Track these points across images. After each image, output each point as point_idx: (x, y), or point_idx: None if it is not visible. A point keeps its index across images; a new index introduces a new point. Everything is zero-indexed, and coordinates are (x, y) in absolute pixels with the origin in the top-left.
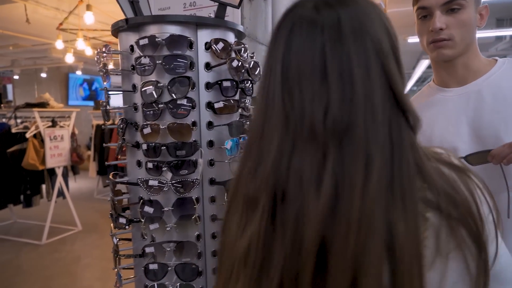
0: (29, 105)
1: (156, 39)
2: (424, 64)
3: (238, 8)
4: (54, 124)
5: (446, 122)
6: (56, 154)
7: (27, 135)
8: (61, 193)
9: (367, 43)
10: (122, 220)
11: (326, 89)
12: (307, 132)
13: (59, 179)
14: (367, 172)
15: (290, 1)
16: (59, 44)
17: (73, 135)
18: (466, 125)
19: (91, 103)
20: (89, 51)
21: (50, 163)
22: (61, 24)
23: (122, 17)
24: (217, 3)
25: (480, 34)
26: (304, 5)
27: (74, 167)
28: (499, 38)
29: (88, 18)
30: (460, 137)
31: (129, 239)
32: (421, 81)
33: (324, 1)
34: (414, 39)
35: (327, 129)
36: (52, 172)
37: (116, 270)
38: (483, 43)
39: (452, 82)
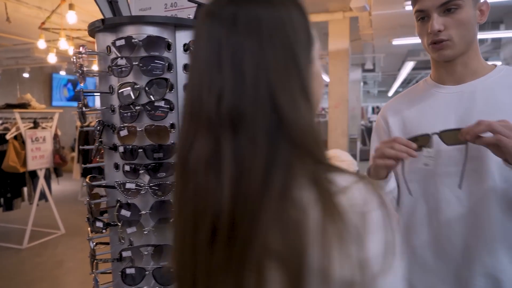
0: (10, 106)
1: (133, 40)
2: (409, 66)
3: None
4: (36, 125)
5: (434, 117)
6: (38, 156)
7: (7, 137)
8: (43, 196)
9: (260, 38)
10: (99, 224)
11: (221, 79)
12: (205, 119)
13: (41, 182)
14: (258, 158)
15: None
16: (41, 44)
17: (55, 136)
18: (454, 123)
19: (76, 104)
20: (72, 51)
21: (31, 165)
22: (43, 23)
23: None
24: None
25: None
26: (215, 2)
27: (57, 169)
28: (481, 41)
29: (71, 17)
30: None
31: (107, 243)
32: (406, 82)
33: None
34: (398, 41)
35: (222, 117)
36: (33, 174)
37: (93, 275)
38: None
39: (449, 80)
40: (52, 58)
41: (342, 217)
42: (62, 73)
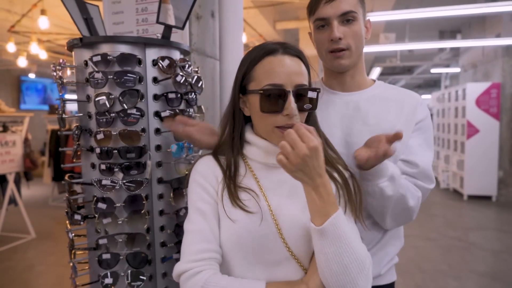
0: None
1: (108, 57)
2: (376, 71)
3: (183, 30)
4: (5, 129)
5: (323, 121)
6: (8, 160)
7: None
8: (12, 200)
9: None
10: (77, 217)
11: None
12: None
13: (11, 186)
14: None
15: (235, 19)
16: (10, 47)
17: (26, 140)
18: (339, 129)
19: (45, 107)
20: (43, 55)
21: (0, 169)
22: (13, 26)
23: None
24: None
25: (424, 45)
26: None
27: (27, 173)
28: (440, 50)
29: (43, 22)
30: (331, 138)
31: (84, 235)
32: None
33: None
34: (364, 49)
35: None
36: (2, 178)
37: (71, 263)
38: (428, 53)
39: (338, 88)
40: (22, 62)
41: None
42: (32, 75)
